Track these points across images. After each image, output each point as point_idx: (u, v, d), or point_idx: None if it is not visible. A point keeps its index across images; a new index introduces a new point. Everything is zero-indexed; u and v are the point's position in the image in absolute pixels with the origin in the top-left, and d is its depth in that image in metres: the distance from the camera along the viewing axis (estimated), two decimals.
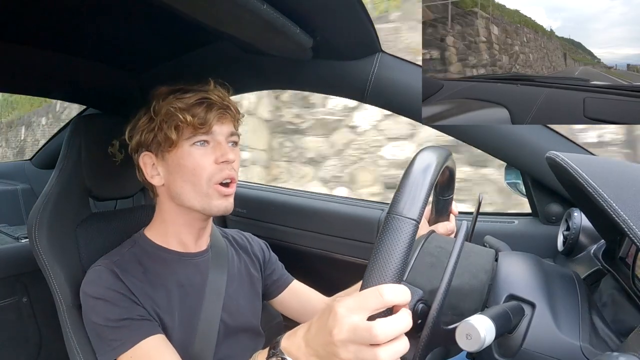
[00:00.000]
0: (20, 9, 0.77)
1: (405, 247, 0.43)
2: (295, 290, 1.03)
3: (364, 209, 1.30)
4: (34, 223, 0.87)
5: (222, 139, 0.80)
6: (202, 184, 0.78)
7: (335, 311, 0.43)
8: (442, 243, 0.58)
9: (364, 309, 0.42)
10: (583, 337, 0.50)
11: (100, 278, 0.77)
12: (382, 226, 0.44)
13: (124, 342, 0.73)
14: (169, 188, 0.82)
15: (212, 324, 0.84)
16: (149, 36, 0.96)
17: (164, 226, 0.85)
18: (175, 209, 0.83)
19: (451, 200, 0.77)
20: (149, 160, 0.82)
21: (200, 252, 0.89)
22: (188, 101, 0.77)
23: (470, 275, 0.55)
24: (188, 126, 0.76)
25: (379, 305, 0.42)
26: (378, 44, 0.89)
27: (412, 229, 0.43)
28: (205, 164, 0.78)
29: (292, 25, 0.74)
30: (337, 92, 1.03)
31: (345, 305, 0.43)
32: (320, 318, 0.47)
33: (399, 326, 0.42)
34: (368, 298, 0.42)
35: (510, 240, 0.80)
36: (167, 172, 0.81)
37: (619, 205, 0.44)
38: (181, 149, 0.78)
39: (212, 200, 0.79)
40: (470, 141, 0.94)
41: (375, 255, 0.43)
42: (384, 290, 0.42)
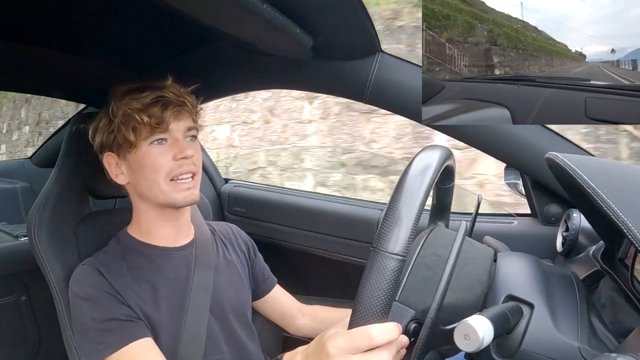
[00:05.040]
0: (21, 8, 0.77)
1: (390, 284, 0.43)
2: (277, 295, 1.05)
3: (363, 209, 1.30)
4: (33, 221, 0.87)
5: (180, 135, 0.81)
6: (160, 181, 0.79)
7: (328, 351, 0.46)
8: (439, 249, 0.57)
9: (354, 349, 0.44)
10: (582, 338, 0.50)
11: (85, 277, 0.79)
12: (368, 261, 0.44)
13: (109, 345, 0.73)
14: (134, 186, 0.84)
15: (200, 316, 0.84)
16: (150, 35, 0.96)
17: (141, 223, 0.87)
18: (145, 205, 0.85)
19: (452, 188, 0.76)
20: (113, 160, 0.83)
21: (184, 246, 0.89)
22: (144, 101, 0.78)
23: (464, 291, 0.55)
24: (145, 126, 0.78)
25: (368, 347, 0.44)
26: (378, 44, 0.89)
27: (398, 264, 0.43)
28: (163, 162, 0.79)
29: (292, 25, 0.74)
30: (337, 92, 1.03)
31: (336, 345, 0.45)
32: (315, 352, 0.50)
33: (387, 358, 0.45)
34: (357, 339, 0.44)
35: (509, 240, 0.80)
36: (130, 171, 0.82)
37: (618, 207, 0.44)
38: (140, 149, 0.79)
39: (174, 195, 0.80)
40: (470, 142, 0.94)
41: (361, 292, 0.43)
42: (372, 331, 0.43)
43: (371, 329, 0.43)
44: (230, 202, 1.57)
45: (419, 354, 0.45)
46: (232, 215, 1.55)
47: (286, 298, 1.06)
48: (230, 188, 1.60)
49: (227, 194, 1.58)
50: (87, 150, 0.92)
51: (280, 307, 1.05)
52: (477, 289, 0.55)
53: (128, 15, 0.85)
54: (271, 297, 1.04)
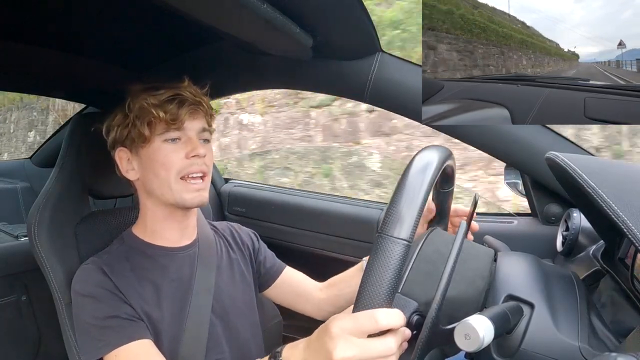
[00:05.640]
0: (21, 8, 0.77)
1: (396, 269, 0.43)
2: (289, 277, 1.03)
3: (363, 209, 1.30)
4: (33, 221, 0.87)
5: (193, 134, 0.81)
6: (171, 179, 0.79)
7: (331, 332, 0.45)
8: (441, 246, 0.58)
9: (359, 332, 0.44)
10: (582, 338, 0.50)
11: (89, 276, 0.79)
12: (373, 245, 0.44)
13: (108, 343, 0.73)
14: (143, 183, 0.84)
15: (202, 317, 0.84)
16: (150, 35, 0.96)
17: (147, 223, 0.86)
18: (153, 204, 0.85)
19: (451, 192, 0.76)
20: (124, 155, 0.83)
21: (187, 246, 0.89)
22: (160, 97, 0.78)
23: (466, 284, 0.55)
24: (160, 122, 0.78)
25: (373, 330, 0.44)
26: (378, 44, 0.89)
27: (403, 249, 0.43)
28: (175, 159, 0.79)
29: (292, 25, 0.74)
30: (337, 91, 1.03)
31: (341, 326, 0.45)
32: (318, 337, 0.49)
33: (392, 345, 0.44)
34: (363, 322, 0.44)
35: (509, 240, 0.80)
36: (141, 166, 0.82)
37: (618, 206, 0.44)
38: (153, 144, 0.79)
39: (183, 194, 0.80)
40: (470, 141, 0.94)
41: (367, 276, 0.44)
42: (378, 315, 0.43)
43: (377, 312, 0.43)
44: (231, 202, 1.57)
45: (420, 354, 0.45)
46: (232, 215, 1.55)
47: (299, 277, 1.03)
48: (231, 188, 1.60)
49: (227, 194, 1.59)
50: (87, 150, 0.92)
51: (294, 288, 1.02)
52: (479, 283, 0.55)
53: (128, 15, 0.85)
54: (282, 280, 1.02)
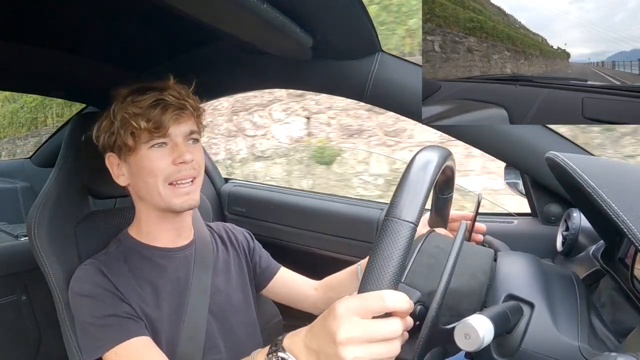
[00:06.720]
0: (21, 8, 0.77)
1: (403, 250, 0.43)
2: (284, 278, 1.04)
3: (363, 209, 1.30)
4: (33, 221, 0.87)
5: (180, 139, 0.80)
6: (159, 185, 0.79)
7: (336, 311, 0.44)
8: (441, 243, 0.58)
9: (364, 311, 0.43)
10: (582, 338, 0.50)
11: (87, 276, 0.79)
12: (381, 228, 0.44)
13: (107, 341, 0.73)
14: (134, 188, 0.84)
15: (199, 317, 0.84)
16: (149, 35, 0.96)
17: (142, 225, 0.87)
18: (145, 208, 0.85)
19: (451, 198, 0.76)
20: (114, 160, 0.83)
21: (184, 247, 0.89)
22: (143, 104, 0.77)
23: (468, 277, 0.55)
24: (143, 131, 0.77)
25: (380, 310, 0.43)
26: (378, 44, 0.89)
27: (410, 232, 0.43)
28: (162, 165, 0.78)
29: (292, 25, 0.74)
30: (336, 91, 1.03)
31: (346, 306, 0.44)
32: (322, 318, 0.47)
33: (397, 327, 0.43)
34: (370, 301, 0.43)
35: (509, 240, 0.81)
36: (130, 173, 0.82)
37: (618, 206, 0.44)
38: (140, 152, 0.78)
39: (172, 199, 0.80)
40: (470, 141, 0.94)
41: (374, 257, 0.44)
42: (386, 296, 0.42)
43: (384, 292, 0.42)
44: (230, 201, 1.57)
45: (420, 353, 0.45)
46: (232, 215, 1.55)
47: (294, 277, 1.04)
48: (230, 188, 1.60)
49: (227, 194, 1.58)
50: (87, 150, 0.92)
51: (289, 288, 1.03)
52: (481, 277, 0.56)
53: (128, 15, 0.85)
54: (277, 280, 1.03)
